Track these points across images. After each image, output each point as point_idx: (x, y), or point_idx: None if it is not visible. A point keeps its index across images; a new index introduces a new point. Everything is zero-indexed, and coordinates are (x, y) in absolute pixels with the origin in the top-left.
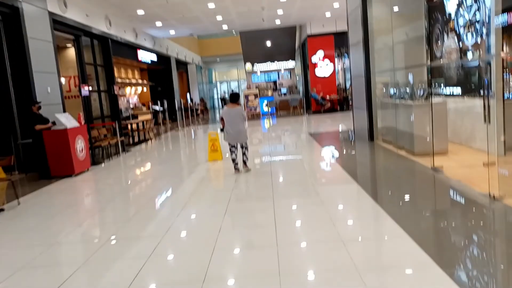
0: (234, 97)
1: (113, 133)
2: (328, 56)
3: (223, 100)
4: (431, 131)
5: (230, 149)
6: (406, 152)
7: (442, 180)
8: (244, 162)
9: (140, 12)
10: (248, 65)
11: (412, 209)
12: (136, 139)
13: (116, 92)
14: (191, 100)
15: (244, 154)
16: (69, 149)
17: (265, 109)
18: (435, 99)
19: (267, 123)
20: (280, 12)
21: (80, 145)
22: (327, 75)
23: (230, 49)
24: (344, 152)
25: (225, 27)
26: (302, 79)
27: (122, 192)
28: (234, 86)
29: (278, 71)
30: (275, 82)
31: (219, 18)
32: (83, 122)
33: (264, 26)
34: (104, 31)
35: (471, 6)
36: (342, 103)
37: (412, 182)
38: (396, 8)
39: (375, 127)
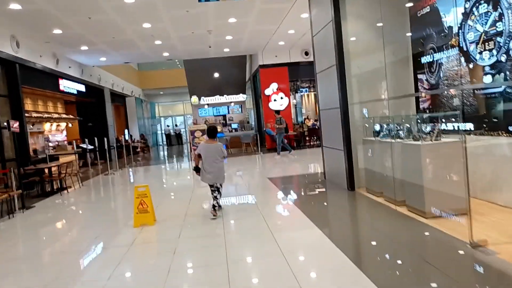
0: (212, 132)
1: (7, 184)
2: (283, 89)
3: (168, 136)
4: (449, 179)
5: (211, 190)
6: (409, 211)
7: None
8: (213, 207)
9: (57, 31)
10: (194, 98)
11: None
12: (53, 187)
13: (14, 129)
14: (130, 136)
15: (215, 198)
16: None
17: None
18: (446, 138)
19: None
20: (229, 37)
21: None
22: (282, 109)
23: (174, 81)
24: (320, 209)
25: (166, 54)
26: (254, 114)
27: None
28: (179, 121)
29: (228, 104)
30: (224, 117)
31: (158, 42)
32: None
33: (211, 55)
34: (8, 54)
35: (487, 14)
36: (299, 140)
37: (457, 277)
38: (379, 23)
39: (356, 172)
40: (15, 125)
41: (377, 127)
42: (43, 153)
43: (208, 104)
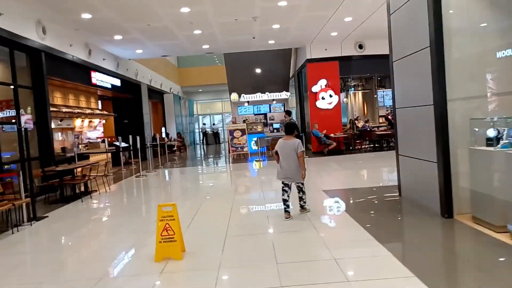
0: (289, 128)
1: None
2: (332, 86)
3: (204, 134)
4: None
5: (282, 188)
6: None
7: None
8: (301, 206)
9: (86, 15)
10: (234, 95)
11: None
12: (75, 191)
13: (26, 124)
14: (167, 135)
15: (300, 198)
16: None
17: (254, 147)
18: None
19: (256, 166)
20: (276, 26)
21: None
22: (330, 107)
23: (214, 79)
24: (408, 250)
25: (205, 46)
26: (297, 113)
27: None
28: (217, 119)
29: (270, 102)
30: (265, 116)
31: (197, 31)
32: None
33: (254, 47)
34: (34, 41)
35: None
36: (348, 143)
37: None
38: None
39: (456, 193)
40: (25, 119)
41: (491, 133)
42: (72, 151)
43: (248, 102)
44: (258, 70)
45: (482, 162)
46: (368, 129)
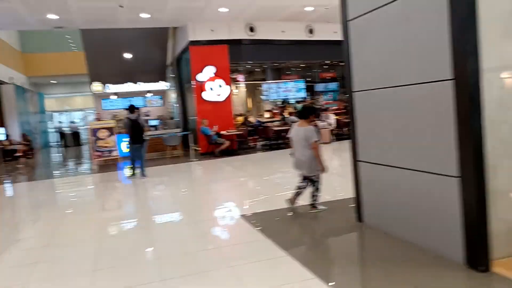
0: (304, 112)
1: None
2: (222, 75)
3: (62, 135)
4: None
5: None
6: None
7: None
8: (312, 204)
9: None
10: (97, 85)
11: None
12: None
13: None
14: (7, 136)
15: (312, 194)
16: None
17: (126, 150)
18: None
19: (129, 174)
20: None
21: None
22: (220, 100)
23: (70, 68)
24: None
25: (52, 16)
26: (179, 107)
27: None
28: (79, 117)
29: (144, 95)
30: (138, 110)
31: None
32: None
33: (121, 23)
34: None
35: None
36: (242, 141)
37: None
38: None
39: (495, 228)
40: None
41: None
42: None
43: (116, 94)
44: (128, 56)
45: None
46: (262, 125)
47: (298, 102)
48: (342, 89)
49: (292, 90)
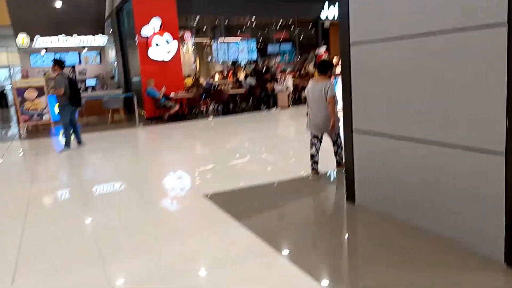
0: (323, 66)
1: None
2: (170, 28)
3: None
4: None
5: (310, 141)
6: None
7: None
8: (337, 162)
9: None
10: (23, 38)
11: None
12: None
13: None
14: None
15: (335, 153)
16: None
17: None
18: None
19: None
20: None
21: None
22: (168, 58)
23: None
24: None
25: None
26: (120, 66)
27: None
28: (3, 75)
29: (79, 50)
30: (73, 68)
31: None
32: None
33: None
34: None
35: None
36: (194, 105)
37: None
38: None
39: None
40: None
41: None
42: None
43: (46, 49)
44: (58, 4)
45: None
46: (214, 87)
47: (249, 63)
48: (299, 51)
49: (243, 50)
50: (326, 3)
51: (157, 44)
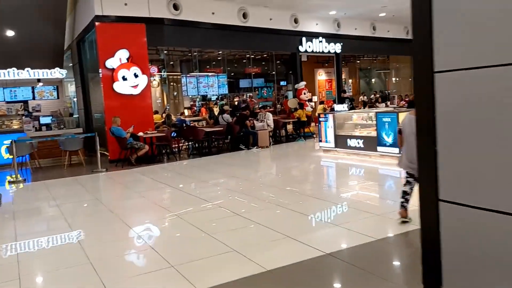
0: None
1: None
2: (138, 61)
3: None
4: None
5: (406, 178)
6: None
7: None
8: (403, 204)
9: None
10: None
11: None
12: None
13: None
14: None
15: (407, 193)
16: None
17: (7, 156)
18: None
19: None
20: None
21: None
22: (136, 92)
23: None
24: None
25: None
26: (80, 102)
27: None
28: None
29: (34, 84)
30: (25, 104)
31: None
32: None
33: None
34: None
35: None
36: (166, 145)
37: None
38: None
39: None
40: None
41: None
42: None
43: None
44: (11, 33)
45: None
46: (186, 124)
47: (219, 98)
48: (278, 85)
49: (213, 85)
50: (304, 38)
51: (124, 78)
